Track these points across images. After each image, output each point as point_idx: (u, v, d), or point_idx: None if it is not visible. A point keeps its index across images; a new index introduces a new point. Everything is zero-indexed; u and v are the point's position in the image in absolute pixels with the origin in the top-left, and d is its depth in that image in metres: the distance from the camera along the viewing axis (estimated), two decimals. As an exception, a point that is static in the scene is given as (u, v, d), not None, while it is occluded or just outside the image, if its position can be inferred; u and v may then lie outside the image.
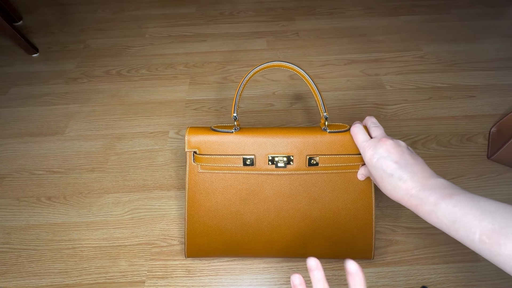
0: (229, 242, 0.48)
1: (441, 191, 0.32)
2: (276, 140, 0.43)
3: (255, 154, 0.44)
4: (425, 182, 0.34)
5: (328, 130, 0.43)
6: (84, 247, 0.55)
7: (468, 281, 0.49)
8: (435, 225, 0.32)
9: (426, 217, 0.32)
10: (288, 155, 0.44)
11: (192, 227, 0.48)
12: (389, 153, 0.36)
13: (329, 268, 0.51)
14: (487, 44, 0.95)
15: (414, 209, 0.34)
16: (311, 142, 0.43)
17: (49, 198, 0.62)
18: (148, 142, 0.72)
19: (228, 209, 0.46)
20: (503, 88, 0.80)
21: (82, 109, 0.80)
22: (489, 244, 0.27)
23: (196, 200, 0.46)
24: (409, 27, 1.04)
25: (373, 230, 0.47)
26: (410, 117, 0.74)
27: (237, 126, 0.44)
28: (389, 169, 0.36)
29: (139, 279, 0.50)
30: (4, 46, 1.03)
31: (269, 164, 0.44)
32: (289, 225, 0.47)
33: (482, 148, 0.67)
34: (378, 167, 0.37)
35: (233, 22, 1.10)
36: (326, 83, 0.84)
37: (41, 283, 0.51)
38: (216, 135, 0.43)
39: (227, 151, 0.44)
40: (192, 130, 0.44)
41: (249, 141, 0.43)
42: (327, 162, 0.44)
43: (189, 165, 0.45)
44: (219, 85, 0.85)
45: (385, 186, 0.36)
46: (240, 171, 0.45)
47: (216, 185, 0.46)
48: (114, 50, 1.00)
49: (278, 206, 0.46)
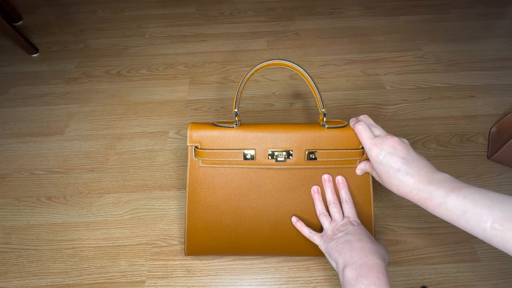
0: (229, 239, 0.48)
1: (449, 184, 0.33)
2: (276, 135, 0.44)
3: (255, 148, 0.44)
4: (431, 176, 0.35)
5: (326, 126, 0.44)
6: (84, 247, 0.55)
7: (468, 281, 0.49)
8: (444, 217, 0.33)
9: (436, 210, 0.33)
10: (287, 149, 0.45)
11: (193, 223, 0.48)
12: (395, 149, 0.38)
13: (329, 268, 0.51)
14: (487, 44, 0.95)
15: (422, 202, 0.34)
16: (310, 138, 0.44)
17: (49, 198, 0.62)
18: (148, 142, 0.72)
19: (228, 204, 0.47)
20: (503, 88, 0.80)
21: (82, 109, 0.80)
22: (501, 231, 0.28)
23: (196, 195, 0.47)
24: (409, 27, 1.04)
25: (372, 223, 0.48)
26: (410, 117, 0.74)
27: (238, 122, 0.44)
28: (396, 164, 0.37)
29: (139, 279, 0.50)
30: (4, 46, 1.03)
31: (269, 158, 0.45)
32: (289, 221, 0.47)
33: (482, 148, 0.67)
34: (385, 163, 0.38)
35: (233, 22, 1.10)
36: (326, 83, 0.84)
37: (41, 283, 0.51)
38: (217, 130, 0.44)
39: (228, 145, 0.44)
40: (194, 126, 0.45)
41: (249, 136, 0.44)
42: (325, 156, 0.45)
43: (190, 160, 0.46)
44: (219, 85, 0.85)
45: (391, 182, 0.37)
46: (240, 165, 0.45)
47: (216, 179, 0.46)
48: (114, 50, 1.00)
49: (278, 201, 0.47)
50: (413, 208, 0.58)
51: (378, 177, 0.41)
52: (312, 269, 0.51)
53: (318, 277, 0.50)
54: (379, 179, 0.40)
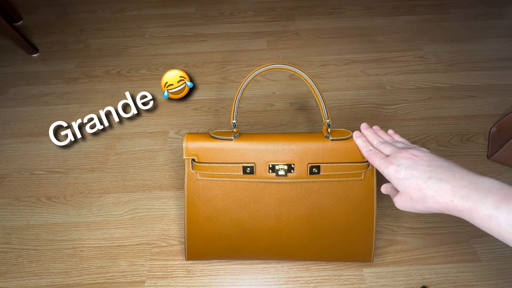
0: (229, 247, 0.48)
1: (499, 192, 0.27)
2: (277, 147, 0.42)
3: (255, 162, 0.43)
4: (474, 180, 0.29)
5: (330, 138, 0.42)
6: (84, 247, 0.55)
7: (468, 281, 0.49)
8: (495, 233, 0.27)
9: (484, 224, 0.27)
10: (289, 163, 0.42)
11: (192, 232, 0.47)
12: (414, 160, 0.33)
13: (329, 268, 0.51)
14: (487, 44, 0.95)
15: (467, 214, 0.28)
16: (312, 150, 0.42)
17: (49, 198, 0.62)
18: (148, 142, 0.72)
19: (228, 216, 0.46)
20: (503, 88, 0.80)
21: (82, 109, 0.80)
22: None
23: (195, 206, 0.46)
24: (409, 27, 1.04)
25: (373, 236, 0.47)
26: (410, 117, 0.74)
27: (236, 134, 0.42)
28: (424, 173, 0.32)
29: (139, 279, 0.50)
30: (4, 46, 1.03)
31: (269, 172, 0.43)
32: (289, 231, 0.46)
33: (482, 148, 0.67)
34: (408, 176, 0.33)
35: (233, 22, 1.10)
36: (326, 83, 0.84)
37: (41, 283, 0.51)
38: (215, 142, 0.42)
39: (226, 159, 0.43)
40: (190, 137, 0.43)
41: (249, 149, 0.42)
42: (328, 170, 0.43)
43: (187, 172, 0.44)
44: (219, 85, 0.85)
45: (426, 194, 0.31)
46: (240, 179, 0.44)
47: (215, 192, 0.45)
48: (114, 50, 1.00)
49: (278, 212, 0.45)
50: (413, 208, 0.58)
51: (405, 201, 0.34)
52: (312, 269, 0.51)
53: (318, 277, 0.50)
54: (408, 202, 0.33)
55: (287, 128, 0.73)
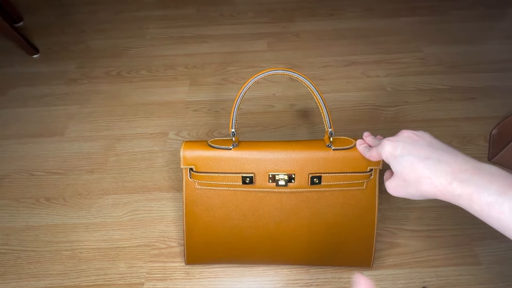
0: (229, 253, 0.48)
1: (505, 178, 0.25)
2: (277, 156, 0.41)
3: (254, 172, 0.41)
4: (477, 166, 0.27)
5: (332, 148, 0.41)
6: (83, 249, 0.54)
7: (469, 284, 0.49)
8: (495, 221, 0.25)
9: (484, 210, 0.25)
10: (289, 172, 0.41)
11: (191, 239, 0.47)
12: (415, 138, 0.31)
13: (329, 271, 0.50)
14: (487, 46, 0.95)
15: (465, 199, 0.26)
16: (314, 160, 0.41)
17: (48, 199, 0.62)
18: (148, 143, 0.71)
19: (227, 224, 0.45)
20: (504, 90, 0.80)
21: (82, 110, 0.80)
22: None
23: (194, 214, 0.45)
24: (409, 28, 1.04)
25: (373, 243, 0.47)
26: (411, 119, 0.74)
27: (235, 143, 0.41)
28: (422, 152, 0.29)
29: (138, 281, 0.50)
30: (4, 46, 1.03)
31: (269, 182, 0.42)
32: (289, 238, 0.46)
33: (483, 150, 0.67)
34: (404, 154, 0.30)
35: (234, 24, 1.10)
36: (326, 84, 0.84)
37: (39, 284, 0.50)
38: (213, 151, 0.41)
39: (225, 169, 0.42)
40: (188, 145, 0.42)
41: (248, 158, 0.41)
42: (330, 180, 0.42)
43: (185, 181, 0.44)
44: (219, 87, 0.85)
45: (421, 175, 0.28)
46: (239, 188, 0.43)
47: (214, 200, 0.44)
48: (114, 51, 1.00)
49: (278, 220, 0.45)
50: (413, 210, 0.57)
51: (398, 184, 0.32)
52: (312, 272, 0.50)
53: (318, 280, 0.50)
54: (400, 185, 0.31)
55: (288, 130, 0.73)
